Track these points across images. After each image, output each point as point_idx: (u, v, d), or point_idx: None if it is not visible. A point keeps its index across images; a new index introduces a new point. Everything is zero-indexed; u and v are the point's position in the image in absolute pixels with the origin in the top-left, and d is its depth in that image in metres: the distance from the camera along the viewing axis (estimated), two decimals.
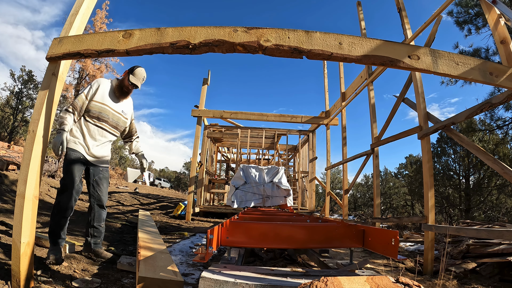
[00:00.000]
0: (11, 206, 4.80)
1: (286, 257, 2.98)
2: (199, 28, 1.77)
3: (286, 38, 1.73)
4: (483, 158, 2.57)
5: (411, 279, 1.01)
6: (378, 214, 4.43)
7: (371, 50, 1.74)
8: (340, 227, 1.97)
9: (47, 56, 1.94)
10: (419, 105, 3.40)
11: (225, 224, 1.87)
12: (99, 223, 2.56)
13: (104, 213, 2.61)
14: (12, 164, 7.36)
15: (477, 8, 7.26)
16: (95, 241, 2.54)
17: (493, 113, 7.64)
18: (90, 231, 2.54)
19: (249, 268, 1.52)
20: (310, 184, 8.80)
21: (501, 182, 9.40)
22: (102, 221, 2.59)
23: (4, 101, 20.81)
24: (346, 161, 5.83)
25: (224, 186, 11.99)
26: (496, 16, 2.35)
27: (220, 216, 7.93)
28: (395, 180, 18.97)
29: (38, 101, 1.87)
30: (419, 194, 11.90)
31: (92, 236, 2.53)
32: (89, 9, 2.26)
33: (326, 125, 7.72)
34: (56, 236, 2.29)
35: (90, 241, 2.53)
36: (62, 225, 2.32)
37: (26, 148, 1.81)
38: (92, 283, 1.88)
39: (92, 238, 2.53)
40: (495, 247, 2.75)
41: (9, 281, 1.73)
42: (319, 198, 20.80)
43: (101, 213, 2.58)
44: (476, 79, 1.81)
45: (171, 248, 3.15)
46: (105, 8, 15.09)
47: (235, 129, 9.14)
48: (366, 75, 5.13)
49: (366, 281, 0.99)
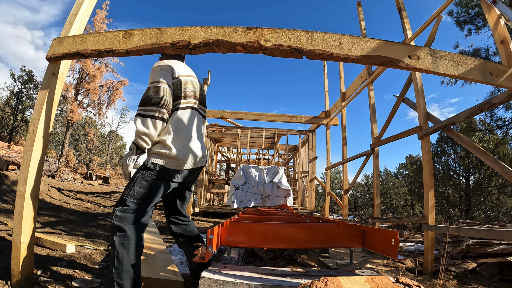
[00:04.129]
0: (11, 206, 4.80)
1: (286, 257, 2.98)
2: (199, 28, 1.77)
3: (286, 38, 1.73)
4: (483, 158, 2.57)
5: (411, 279, 1.01)
6: (378, 214, 4.43)
7: (371, 50, 1.74)
8: (340, 227, 1.97)
9: (47, 56, 1.94)
10: (419, 105, 3.40)
11: (225, 224, 1.87)
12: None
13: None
14: (12, 164, 7.36)
15: (477, 8, 7.26)
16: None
17: (493, 113, 7.64)
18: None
19: (249, 268, 1.52)
20: (310, 184, 8.80)
21: (501, 182, 9.39)
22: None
23: (4, 101, 20.80)
24: (346, 161, 5.83)
25: (224, 186, 11.99)
26: (496, 16, 2.35)
27: (220, 216, 7.93)
28: (395, 180, 18.96)
29: (38, 101, 1.88)
30: (419, 194, 11.90)
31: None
32: (89, 9, 2.26)
33: (326, 125, 7.72)
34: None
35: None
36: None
37: (26, 148, 1.81)
38: (92, 283, 1.88)
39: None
40: (495, 247, 2.75)
41: (9, 281, 1.73)
42: (319, 198, 20.79)
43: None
44: (476, 79, 1.81)
45: (171, 248, 3.15)
46: (105, 8, 15.08)
47: (235, 129, 9.14)
48: (366, 75, 5.13)
49: (366, 281, 0.99)
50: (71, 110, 14.40)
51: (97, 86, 15.16)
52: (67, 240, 2.85)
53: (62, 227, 4.00)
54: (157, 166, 1.63)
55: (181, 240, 1.96)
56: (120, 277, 1.43)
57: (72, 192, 8.41)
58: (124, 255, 1.47)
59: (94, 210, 6.44)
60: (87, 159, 22.43)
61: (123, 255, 1.46)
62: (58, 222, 4.33)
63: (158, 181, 1.62)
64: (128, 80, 17.34)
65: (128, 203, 1.55)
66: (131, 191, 1.57)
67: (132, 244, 1.50)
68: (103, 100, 16.05)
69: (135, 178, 1.61)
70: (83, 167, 19.45)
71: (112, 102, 16.14)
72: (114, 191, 11.29)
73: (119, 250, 1.46)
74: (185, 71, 1.82)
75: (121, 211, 1.53)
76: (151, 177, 1.61)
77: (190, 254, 1.94)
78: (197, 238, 1.98)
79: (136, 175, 1.62)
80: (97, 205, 7.31)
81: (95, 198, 8.34)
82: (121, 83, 16.23)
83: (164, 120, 1.63)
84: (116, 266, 1.44)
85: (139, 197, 1.57)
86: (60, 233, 3.53)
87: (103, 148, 25.00)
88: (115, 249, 1.47)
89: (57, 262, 2.24)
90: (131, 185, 1.59)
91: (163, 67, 1.71)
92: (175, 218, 1.97)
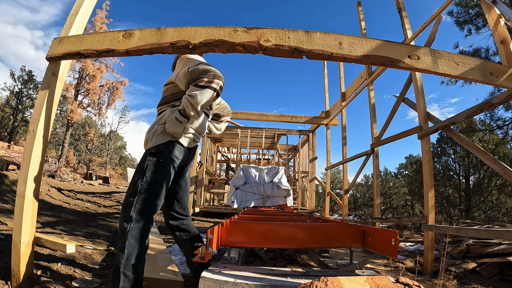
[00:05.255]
0: (11, 206, 4.80)
1: (286, 257, 2.98)
2: (199, 28, 1.77)
3: (286, 38, 1.73)
4: (483, 158, 2.57)
5: (411, 279, 1.01)
6: (378, 214, 4.43)
7: (371, 50, 1.74)
8: (340, 227, 1.97)
9: (47, 56, 1.94)
10: (419, 105, 3.40)
11: (225, 224, 1.87)
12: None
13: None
14: (12, 164, 7.36)
15: (477, 8, 7.26)
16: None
17: (493, 113, 7.64)
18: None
19: (249, 268, 1.52)
20: (310, 184, 8.80)
21: (501, 182, 9.39)
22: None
23: (4, 101, 20.81)
24: (346, 161, 5.83)
25: (224, 186, 11.99)
26: (496, 16, 2.35)
27: (220, 216, 7.93)
28: (395, 180, 18.95)
29: (38, 101, 1.87)
30: (419, 194, 11.89)
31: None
32: (89, 9, 2.26)
33: (326, 125, 7.72)
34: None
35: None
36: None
37: (26, 148, 1.81)
38: (92, 283, 1.88)
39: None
40: (495, 247, 2.75)
41: (9, 281, 1.73)
42: (319, 198, 20.79)
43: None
44: (476, 79, 1.81)
45: (171, 248, 3.15)
46: (105, 8, 15.08)
47: (235, 129, 9.14)
48: (366, 75, 5.13)
49: (366, 281, 0.99)
50: (71, 110, 14.40)
51: (97, 86, 15.16)
52: (67, 240, 2.85)
53: (62, 227, 4.00)
54: (160, 146, 1.67)
55: (177, 234, 1.95)
56: (127, 268, 1.44)
57: (72, 192, 8.41)
58: (135, 248, 1.48)
59: (94, 210, 6.44)
60: (87, 159, 22.43)
61: (134, 248, 1.48)
62: (58, 222, 4.33)
63: (165, 161, 1.67)
64: (128, 80, 17.32)
65: (143, 192, 1.57)
66: (144, 179, 1.60)
67: (145, 239, 1.54)
68: (103, 100, 16.06)
69: (144, 165, 1.64)
70: (83, 167, 19.46)
71: (112, 102, 16.14)
72: (114, 191, 11.29)
73: (131, 241, 1.47)
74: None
75: (139, 201, 1.56)
76: (159, 159, 1.65)
77: (188, 251, 1.94)
78: (197, 238, 1.98)
79: (145, 163, 1.65)
80: (97, 205, 7.31)
81: (95, 198, 8.34)
82: (121, 83, 16.23)
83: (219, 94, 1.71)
84: (125, 257, 1.44)
85: (151, 182, 1.61)
86: (60, 233, 3.53)
87: (103, 148, 24.99)
88: (126, 239, 1.47)
89: (57, 262, 2.24)
90: (142, 174, 1.62)
91: (194, 56, 1.80)
92: (174, 212, 1.96)
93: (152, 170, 1.62)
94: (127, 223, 1.50)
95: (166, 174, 1.67)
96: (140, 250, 1.50)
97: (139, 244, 1.50)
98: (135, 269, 1.46)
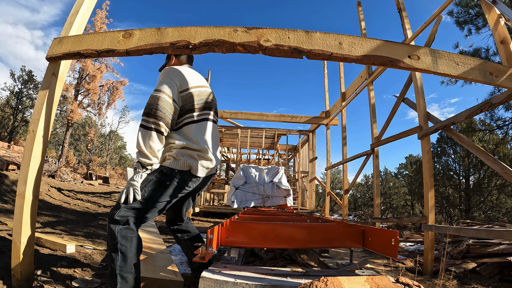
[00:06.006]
0: (11, 206, 4.81)
1: (286, 257, 2.98)
2: (199, 28, 1.76)
3: (286, 38, 1.73)
4: (483, 158, 2.57)
5: (411, 279, 1.01)
6: (378, 214, 4.43)
7: (371, 50, 1.74)
8: (340, 227, 1.97)
9: (47, 56, 1.94)
10: (419, 105, 3.40)
11: (225, 224, 1.87)
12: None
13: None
14: (12, 164, 7.36)
15: (477, 8, 7.26)
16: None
17: (493, 113, 7.64)
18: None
19: (249, 268, 1.52)
20: (310, 184, 8.80)
21: (501, 182, 9.39)
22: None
23: (4, 101, 20.81)
24: (346, 161, 5.83)
25: (224, 186, 11.99)
26: (496, 16, 2.35)
27: (220, 216, 7.93)
28: (395, 180, 18.96)
29: (38, 101, 1.87)
30: (419, 194, 11.89)
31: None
32: (89, 9, 2.26)
33: (326, 125, 7.72)
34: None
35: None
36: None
37: (26, 148, 1.81)
38: (92, 283, 1.88)
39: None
40: (495, 247, 2.75)
41: (9, 281, 1.73)
42: (319, 198, 20.79)
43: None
44: (476, 79, 1.81)
45: (171, 248, 3.15)
46: (105, 8, 15.08)
47: (235, 129, 9.14)
48: (366, 75, 5.13)
49: (366, 281, 0.99)
50: (71, 110, 14.40)
51: (97, 86, 15.16)
52: (67, 240, 2.85)
53: (62, 227, 4.00)
54: (174, 171, 1.59)
55: (179, 236, 1.96)
56: (124, 269, 1.40)
57: (72, 192, 8.41)
58: (128, 248, 1.43)
59: (94, 210, 6.44)
60: (87, 159, 22.43)
61: (126, 248, 1.43)
62: (58, 222, 4.33)
63: (171, 186, 1.59)
64: (128, 80, 17.32)
65: (134, 203, 1.50)
66: (141, 191, 1.52)
67: (134, 238, 1.48)
68: (103, 100, 16.06)
69: (148, 179, 1.56)
70: (83, 167, 19.46)
71: (112, 102, 16.14)
72: (114, 191, 11.29)
73: (122, 242, 1.42)
74: (196, 81, 1.75)
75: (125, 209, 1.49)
76: (165, 181, 1.57)
77: (190, 251, 1.94)
78: (197, 238, 1.99)
79: (150, 177, 1.57)
80: (97, 205, 7.31)
81: (95, 198, 8.35)
82: (121, 83, 16.23)
83: (163, 133, 1.56)
84: (119, 258, 1.40)
85: (147, 198, 1.54)
86: (60, 233, 3.53)
87: (103, 148, 25.00)
88: (117, 241, 1.42)
89: (57, 262, 2.24)
90: (142, 184, 1.53)
91: (172, 76, 1.64)
92: (172, 221, 1.96)
93: (153, 188, 1.55)
94: (115, 225, 1.45)
95: (166, 198, 1.60)
96: (133, 249, 1.46)
97: (131, 243, 1.45)
98: (131, 269, 1.42)
